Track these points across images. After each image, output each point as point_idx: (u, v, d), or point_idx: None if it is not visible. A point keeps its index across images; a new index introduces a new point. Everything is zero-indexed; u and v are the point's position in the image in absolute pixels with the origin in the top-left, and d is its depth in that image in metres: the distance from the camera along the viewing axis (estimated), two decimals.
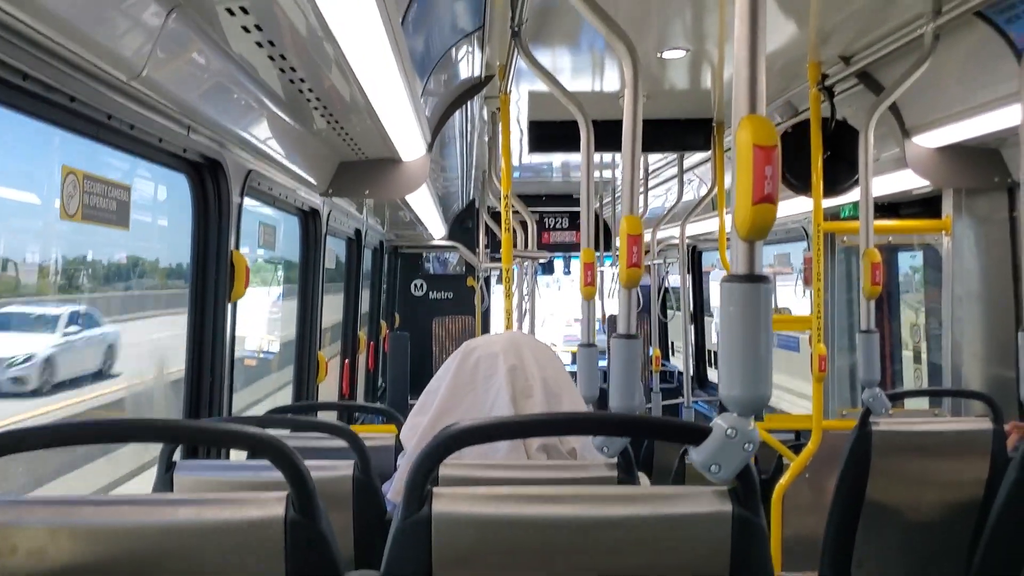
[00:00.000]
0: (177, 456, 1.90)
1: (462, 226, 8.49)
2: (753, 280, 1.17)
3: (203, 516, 1.14)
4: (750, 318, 1.17)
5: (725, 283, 1.18)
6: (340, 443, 2.04)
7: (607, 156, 6.19)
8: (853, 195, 3.91)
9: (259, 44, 1.99)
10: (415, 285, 9.06)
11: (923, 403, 4.50)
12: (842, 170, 3.70)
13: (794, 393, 6.17)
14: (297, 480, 1.14)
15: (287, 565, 1.13)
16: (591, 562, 1.16)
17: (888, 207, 4.49)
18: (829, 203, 3.88)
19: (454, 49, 3.01)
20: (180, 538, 1.13)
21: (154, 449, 1.98)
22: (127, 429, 1.27)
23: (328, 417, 4.06)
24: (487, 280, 8.02)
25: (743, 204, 1.14)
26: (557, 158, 6.76)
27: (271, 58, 2.11)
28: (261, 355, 5.21)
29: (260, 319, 5.13)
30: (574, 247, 9.09)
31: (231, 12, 1.78)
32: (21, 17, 1.34)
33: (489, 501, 1.18)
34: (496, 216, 6.78)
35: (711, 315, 8.81)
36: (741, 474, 1.18)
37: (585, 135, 2.41)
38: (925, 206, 4.28)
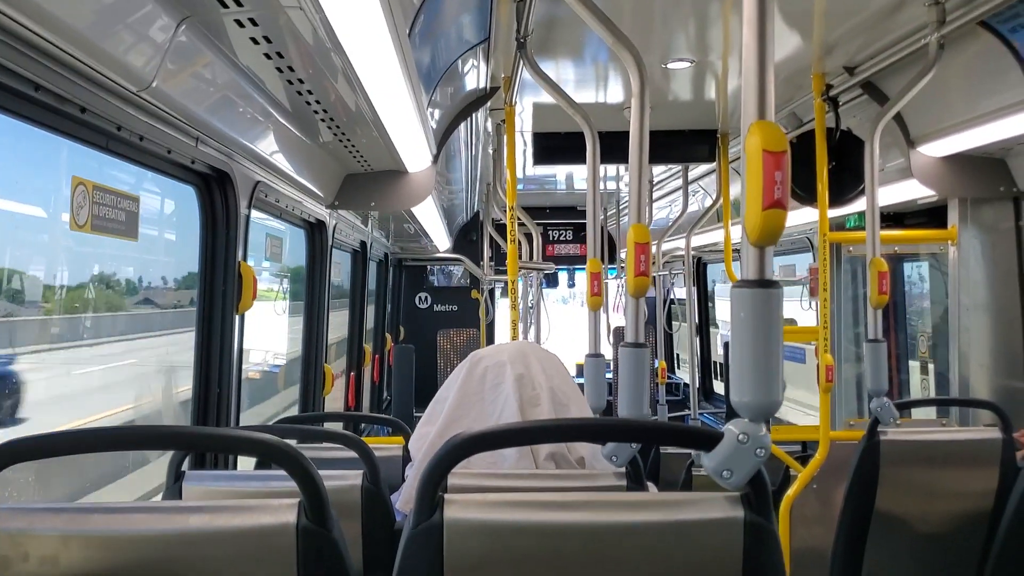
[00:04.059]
0: (186, 466, 1.90)
1: (466, 238, 8.49)
2: (763, 285, 1.17)
3: (215, 523, 1.13)
4: (761, 323, 1.17)
5: (735, 289, 1.18)
6: (347, 454, 2.04)
7: (611, 169, 6.20)
8: (858, 205, 3.91)
9: (267, 56, 2.00)
10: (420, 298, 9.06)
11: (929, 413, 4.48)
12: (847, 180, 3.70)
13: (803, 404, 6.15)
14: (310, 488, 1.14)
15: (299, 573, 1.13)
16: (603, 569, 1.16)
17: (893, 217, 4.49)
18: (835, 213, 3.88)
19: (460, 61, 3.02)
20: (192, 545, 1.12)
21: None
22: (141, 437, 1.27)
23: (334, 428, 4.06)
24: (491, 293, 8.01)
25: (753, 210, 1.14)
26: (561, 170, 6.77)
27: (279, 70, 2.12)
28: (267, 370, 5.20)
29: (266, 335, 5.12)
30: (578, 259, 9.07)
31: (240, 24, 1.79)
32: (34, 28, 1.35)
33: (501, 507, 1.18)
34: (500, 228, 6.79)
35: (716, 326, 8.79)
36: (753, 480, 1.18)
37: (591, 146, 2.40)
38: (930, 216, 4.27)
